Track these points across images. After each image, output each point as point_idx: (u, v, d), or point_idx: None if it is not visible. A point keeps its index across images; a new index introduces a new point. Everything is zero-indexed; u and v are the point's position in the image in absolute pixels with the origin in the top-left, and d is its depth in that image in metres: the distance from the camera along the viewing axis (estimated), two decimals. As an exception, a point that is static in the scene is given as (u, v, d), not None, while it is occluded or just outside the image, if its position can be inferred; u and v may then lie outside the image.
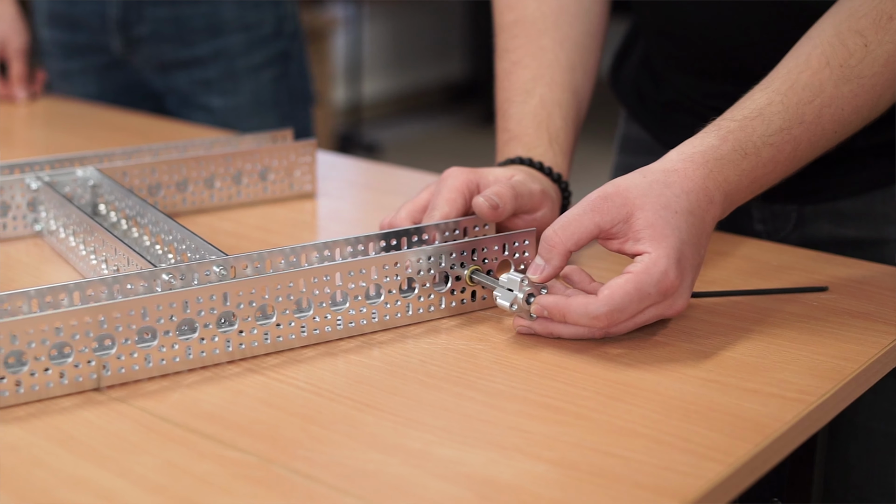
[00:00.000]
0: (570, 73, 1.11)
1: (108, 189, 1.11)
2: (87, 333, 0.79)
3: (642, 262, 0.85)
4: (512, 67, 1.13)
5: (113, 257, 0.95)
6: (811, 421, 0.79)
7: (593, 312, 0.85)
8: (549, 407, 0.79)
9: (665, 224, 0.86)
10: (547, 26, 1.13)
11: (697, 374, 0.84)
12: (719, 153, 0.91)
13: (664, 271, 0.85)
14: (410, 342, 0.89)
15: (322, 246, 0.92)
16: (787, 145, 0.93)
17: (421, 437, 0.75)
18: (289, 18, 1.70)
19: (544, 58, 1.11)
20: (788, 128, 0.93)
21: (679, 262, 0.86)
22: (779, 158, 0.93)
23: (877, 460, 1.16)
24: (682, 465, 0.71)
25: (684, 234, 0.87)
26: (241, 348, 0.85)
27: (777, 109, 0.93)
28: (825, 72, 0.93)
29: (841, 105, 0.94)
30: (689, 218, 0.88)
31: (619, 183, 0.88)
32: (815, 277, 1.03)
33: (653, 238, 0.86)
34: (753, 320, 0.94)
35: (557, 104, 1.09)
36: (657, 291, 0.85)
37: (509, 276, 0.90)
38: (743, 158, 0.91)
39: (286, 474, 0.70)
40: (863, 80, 0.94)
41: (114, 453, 0.72)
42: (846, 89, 0.94)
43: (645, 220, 0.86)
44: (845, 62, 0.93)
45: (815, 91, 0.93)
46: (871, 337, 0.90)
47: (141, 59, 1.75)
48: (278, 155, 1.25)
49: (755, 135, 0.92)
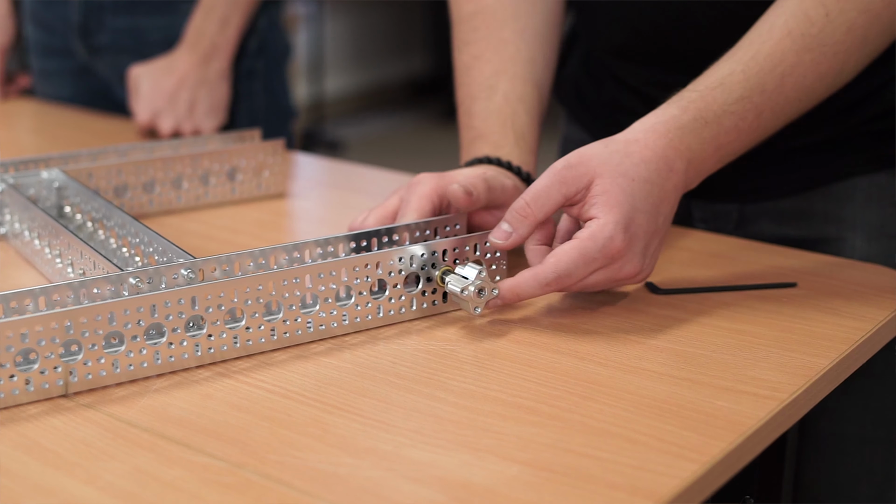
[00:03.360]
0: (531, 66, 1.11)
1: (74, 191, 1.10)
2: (53, 339, 0.77)
3: (589, 228, 0.89)
4: (473, 62, 1.12)
5: (79, 261, 0.94)
6: (784, 418, 0.79)
7: (543, 280, 0.89)
8: (522, 407, 0.78)
9: (620, 191, 0.89)
10: (506, 17, 1.13)
11: (669, 373, 0.84)
12: (680, 122, 0.93)
13: (610, 237, 0.88)
14: (381, 344, 0.89)
15: (291, 248, 0.91)
16: (748, 113, 0.95)
17: (392, 440, 0.74)
18: (254, 35, 1.67)
19: (505, 51, 1.11)
20: (749, 96, 0.95)
21: (627, 228, 0.89)
22: (741, 126, 0.95)
23: (846, 462, 1.17)
24: (656, 464, 0.71)
25: (639, 201, 0.89)
26: (211, 352, 0.84)
27: (738, 79, 0.95)
28: (787, 41, 0.95)
29: (803, 73, 0.96)
30: (645, 186, 0.90)
31: (583, 152, 0.91)
32: (782, 273, 1.03)
33: (605, 204, 0.89)
34: (723, 317, 0.94)
35: (520, 99, 1.09)
36: (602, 256, 0.88)
37: (468, 266, 0.91)
38: (704, 127, 0.93)
39: (257, 479, 0.69)
40: (825, 48, 0.95)
41: (81, 460, 0.71)
42: (808, 57, 0.95)
43: (601, 186, 0.89)
44: (807, 31, 0.95)
45: (777, 60, 0.95)
46: (840, 333, 0.91)
47: (104, 67, 1.73)
48: (246, 155, 1.24)
49: (716, 104, 0.94)
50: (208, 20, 1.56)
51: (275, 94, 1.73)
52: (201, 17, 1.57)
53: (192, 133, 1.54)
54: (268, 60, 1.70)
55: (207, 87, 1.56)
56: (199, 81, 1.55)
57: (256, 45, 1.67)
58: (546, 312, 0.94)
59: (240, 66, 1.64)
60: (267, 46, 1.70)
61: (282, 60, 1.76)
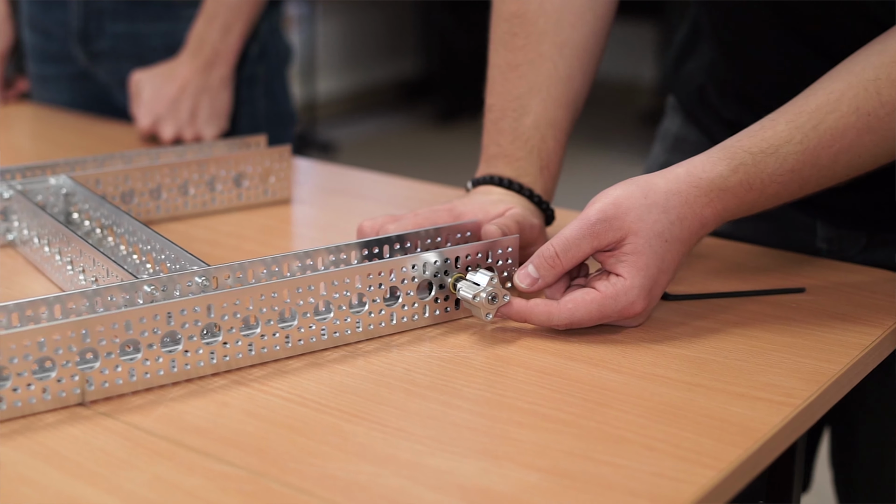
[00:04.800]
0: (568, 85, 1.09)
1: (82, 197, 1.10)
2: (70, 348, 0.78)
3: (614, 287, 0.89)
4: (508, 71, 1.10)
5: (91, 268, 0.94)
6: (798, 423, 0.80)
7: (555, 321, 0.90)
8: (538, 414, 0.79)
9: (652, 253, 0.89)
10: (548, 28, 1.09)
11: (682, 379, 0.84)
12: (726, 184, 0.91)
13: (632, 301, 0.89)
14: (395, 351, 0.89)
15: (304, 255, 0.92)
16: (794, 184, 0.93)
17: (411, 448, 0.74)
18: (256, 40, 1.67)
19: (542, 67, 1.08)
20: (800, 169, 0.92)
21: (650, 293, 0.90)
22: (782, 194, 0.93)
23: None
24: (674, 471, 0.71)
25: (666, 263, 0.90)
26: (226, 360, 0.84)
27: (794, 150, 0.91)
28: (851, 118, 0.91)
29: (859, 152, 0.92)
30: (675, 245, 0.90)
31: (620, 203, 0.89)
32: (792, 279, 1.04)
33: (633, 266, 0.89)
34: (733, 323, 0.94)
35: (551, 124, 1.08)
36: (618, 315, 0.90)
37: (480, 273, 0.91)
38: (748, 192, 0.92)
39: (278, 488, 0.69)
40: (887, 132, 0.92)
41: (102, 469, 0.72)
42: (868, 139, 0.92)
43: (633, 245, 0.89)
44: (874, 112, 0.91)
45: (837, 136, 0.91)
46: (850, 338, 0.91)
47: (104, 73, 1.73)
48: (252, 161, 1.24)
49: (765, 172, 0.91)
50: (211, 27, 1.56)
51: (276, 100, 1.73)
52: (203, 24, 1.57)
53: (194, 140, 1.54)
54: (269, 66, 1.70)
55: (209, 94, 1.56)
56: (200, 88, 1.55)
57: (258, 51, 1.67)
58: (557, 319, 0.95)
59: (241, 71, 1.64)
60: (268, 52, 1.70)
61: (283, 65, 1.76)
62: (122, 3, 1.66)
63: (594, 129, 5.09)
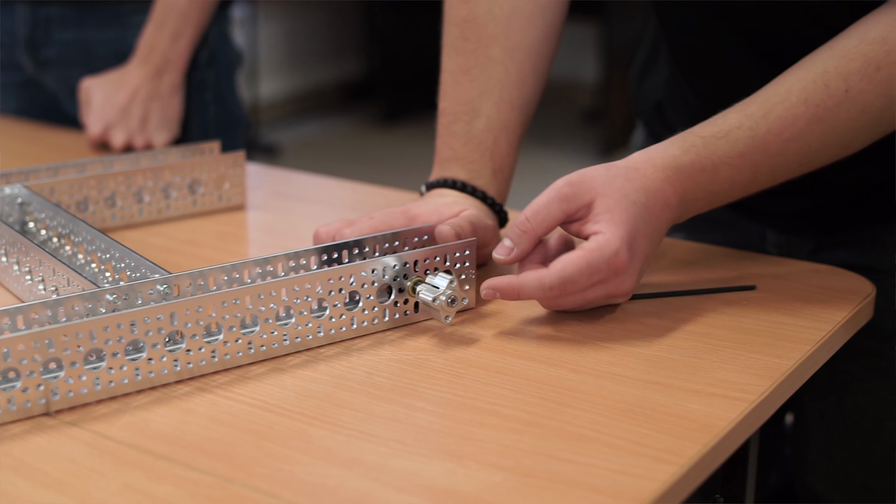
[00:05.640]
0: (519, 88, 1.11)
1: (38, 206, 1.10)
2: (34, 358, 0.78)
3: (596, 241, 0.91)
4: (460, 75, 1.11)
5: (51, 277, 0.94)
6: (754, 418, 0.82)
7: (547, 284, 0.90)
8: (500, 415, 0.80)
9: (623, 210, 0.91)
10: (497, 32, 1.10)
11: (639, 377, 0.86)
12: (679, 163, 0.95)
13: (616, 251, 0.90)
14: (356, 355, 0.90)
15: (263, 261, 0.92)
16: (746, 169, 0.96)
17: (376, 450, 0.75)
18: (205, 46, 1.67)
19: (493, 70, 1.10)
20: (750, 154, 0.95)
21: (631, 246, 0.91)
22: (736, 179, 0.96)
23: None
24: (635, 468, 0.73)
25: (640, 223, 0.92)
26: (189, 367, 0.85)
27: (744, 135, 0.95)
28: (801, 108, 0.95)
29: (809, 142, 0.96)
30: (644, 211, 0.92)
31: (585, 172, 0.93)
32: (741, 277, 1.06)
33: (610, 221, 0.91)
34: (687, 321, 0.96)
35: (504, 127, 1.09)
36: (608, 268, 0.90)
37: (439, 276, 0.93)
38: (701, 173, 0.95)
39: (247, 493, 0.70)
40: (836, 122, 0.95)
41: (70, 478, 0.72)
42: (817, 128, 0.95)
43: (605, 205, 0.91)
44: (822, 103, 0.95)
45: (787, 125, 0.95)
46: (801, 333, 0.93)
47: (52, 80, 1.72)
48: (206, 168, 1.24)
49: (716, 154, 0.95)
50: (160, 34, 1.56)
51: (226, 105, 1.73)
52: (153, 31, 1.57)
53: (145, 147, 1.54)
54: (219, 71, 1.70)
55: (160, 100, 1.56)
56: (151, 95, 1.55)
57: (207, 56, 1.67)
58: (514, 321, 0.96)
59: (191, 77, 1.64)
60: (217, 57, 1.70)
61: (232, 70, 1.76)
62: (70, 11, 1.66)
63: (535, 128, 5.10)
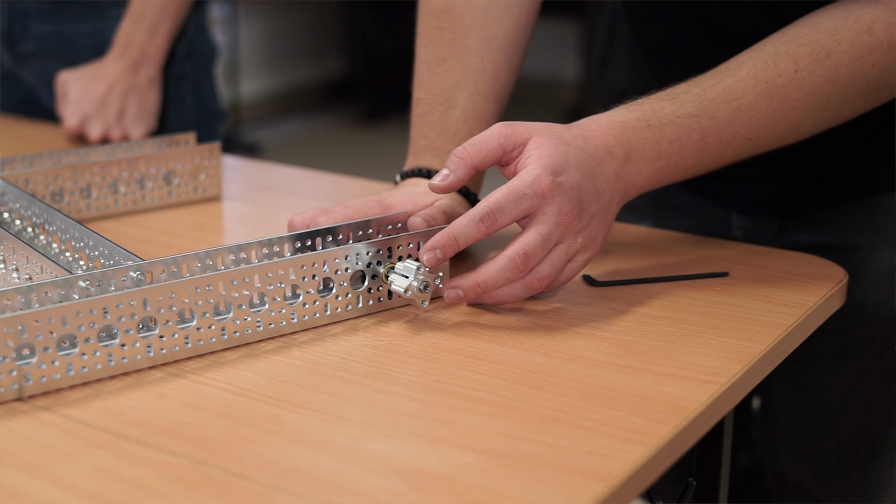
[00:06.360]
0: (494, 79, 1.11)
1: (13, 197, 1.10)
2: (7, 343, 0.78)
3: (520, 173, 0.92)
4: (436, 65, 1.11)
5: (25, 265, 0.94)
6: (724, 401, 0.82)
7: (475, 215, 0.91)
8: (472, 398, 0.81)
9: (553, 147, 0.92)
10: (474, 23, 1.11)
11: (612, 361, 0.86)
12: (624, 119, 0.97)
13: (537, 176, 0.91)
14: (329, 341, 0.90)
15: (237, 248, 0.93)
16: (694, 132, 0.97)
17: (348, 433, 0.76)
18: (183, 39, 1.67)
19: (469, 61, 1.10)
20: (698, 115, 0.97)
21: (556, 174, 0.91)
22: (685, 141, 0.97)
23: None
24: (606, 448, 0.73)
25: (571, 159, 0.92)
26: (163, 353, 0.85)
27: (692, 98, 0.97)
28: (750, 82, 0.97)
29: (756, 115, 0.97)
30: (580, 153, 0.93)
31: (526, 122, 0.95)
32: (715, 263, 1.07)
33: (537, 157, 0.92)
34: (659, 307, 0.97)
35: (479, 118, 1.10)
36: (532, 193, 0.91)
37: (406, 264, 0.93)
38: (647, 128, 0.96)
39: (220, 475, 0.70)
40: (784, 100, 0.97)
41: (43, 462, 0.72)
42: (765, 103, 0.97)
43: (535, 143, 0.93)
44: (771, 80, 0.97)
45: (734, 95, 0.97)
46: (773, 318, 0.94)
47: (30, 74, 1.72)
48: (182, 159, 1.24)
49: (663, 112, 0.97)
50: (138, 27, 1.56)
51: (204, 98, 1.73)
52: (130, 24, 1.57)
53: (121, 139, 1.54)
54: (196, 64, 1.70)
55: (137, 93, 1.56)
56: (128, 88, 1.55)
57: (185, 49, 1.67)
58: (488, 307, 0.96)
59: (169, 70, 1.64)
60: (195, 50, 1.70)
61: (210, 63, 1.76)
62: (47, 4, 1.66)
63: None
